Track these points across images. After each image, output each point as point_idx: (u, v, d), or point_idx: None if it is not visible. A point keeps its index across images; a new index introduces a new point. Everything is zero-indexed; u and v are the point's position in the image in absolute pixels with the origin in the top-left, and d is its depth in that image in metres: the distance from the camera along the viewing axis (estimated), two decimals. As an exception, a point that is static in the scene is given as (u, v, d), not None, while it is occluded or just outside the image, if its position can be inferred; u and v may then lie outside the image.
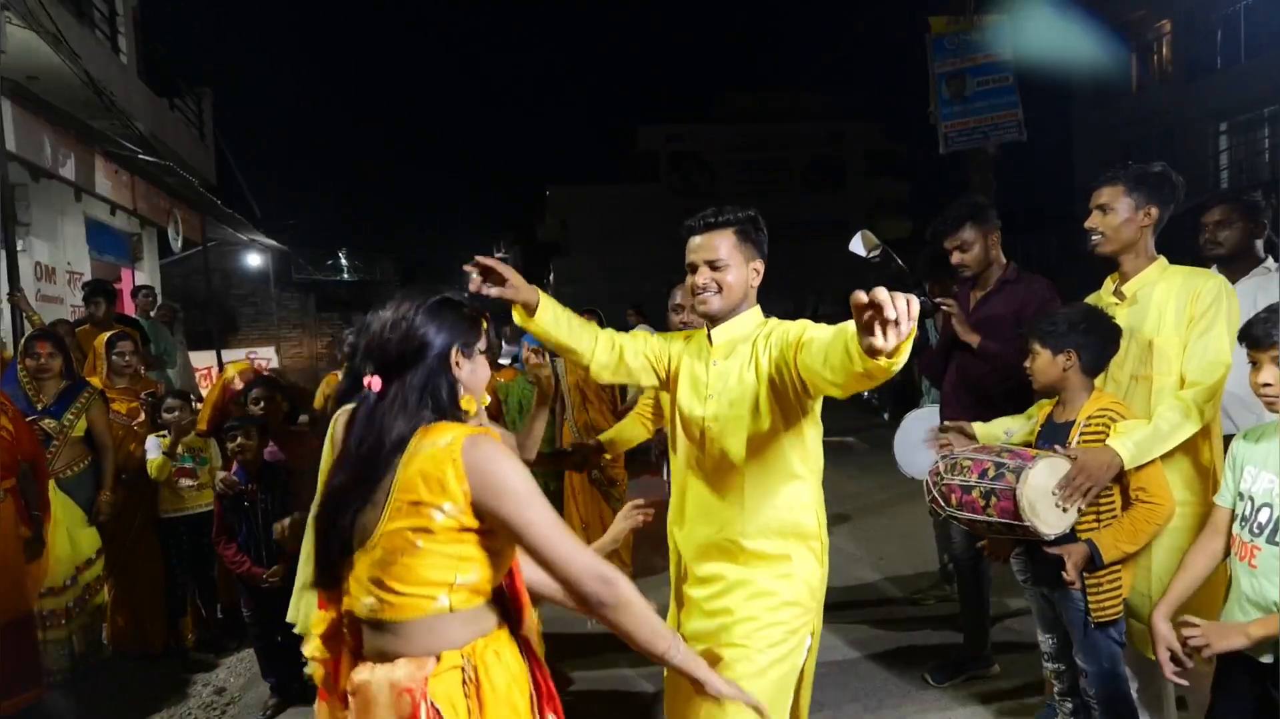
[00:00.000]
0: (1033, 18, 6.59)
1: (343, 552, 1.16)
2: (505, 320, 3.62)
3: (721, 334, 1.77)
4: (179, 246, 8.79)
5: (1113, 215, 2.09)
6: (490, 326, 1.32)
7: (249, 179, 11.75)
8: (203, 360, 8.90)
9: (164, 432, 3.34)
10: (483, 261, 1.67)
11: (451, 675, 1.13)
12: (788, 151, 23.58)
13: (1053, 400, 2.12)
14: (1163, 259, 2.13)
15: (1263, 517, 1.61)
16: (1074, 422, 2.00)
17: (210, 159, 10.13)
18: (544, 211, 25.55)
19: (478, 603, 1.17)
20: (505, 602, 1.23)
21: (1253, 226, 2.48)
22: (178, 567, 3.41)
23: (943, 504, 2.00)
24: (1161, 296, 2.05)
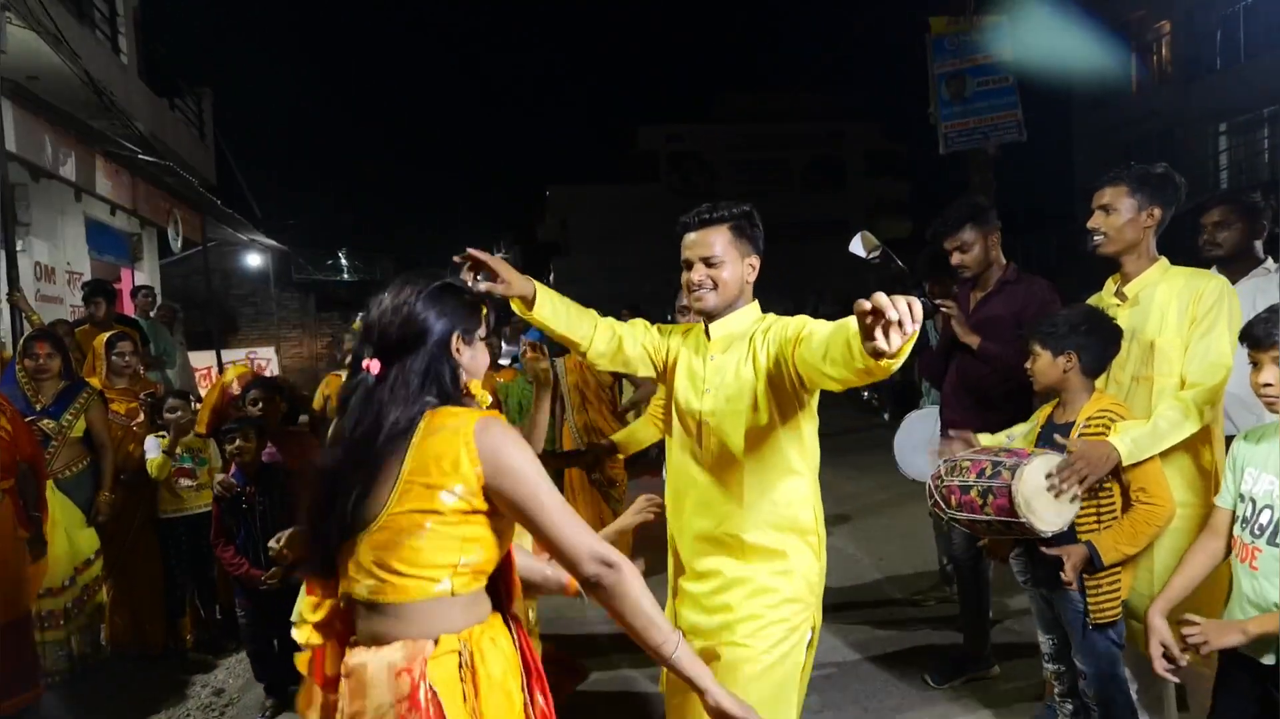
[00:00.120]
0: (1032, 18, 6.59)
1: (342, 535, 1.15)
2: (505, 321, 3.62)
3: (719, 329, 1.77)
4: (179, 247, 8.79)
5: (1115, 216, 2.09)
6: (490, 313, 1.31)
7: (249, 179, 11.77)
8: (202, 360, 8.90)
9: (162, 432, 3.34)
10: (472, 254, 1.65)
11: (449, 659, 1.13)
12: (788, 151, 23.59)
13: (1054, 402, 2.13)
14: (1164, 260, 2.12)
15: (1264, 518, 1.61)
16: (1074, 423, 2.00)
17: (210, 159, 10.13)
18: (544, 211, 25.56)
19: (476, 587, 1.18)
20: (498, 581, 1.24)
21: (1252, 227, 2.47)
22: (177, 567, 3.40)
23: (944, 507, 2.00)
24: (1163, 298, 2.05)
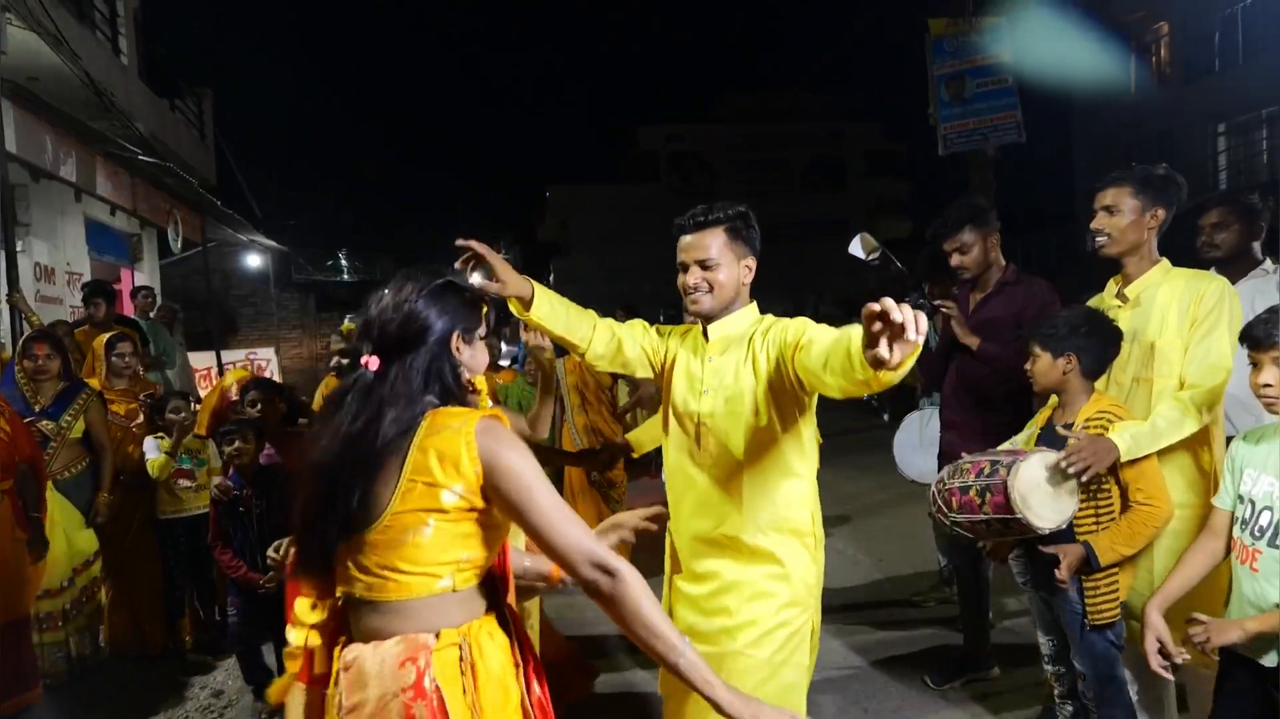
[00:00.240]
0: (1031, 20, 6.60)
1: (342, 534, 1.15)
2: (505, 321, 3.62)
3: (717, 330, 1.77)
4: (179, 247, 8.78)
5: (1119, 216, 2.08)
6: (490, 312, 1.31)
7: (249, 179, 11.75)
8: (202, 361, 8.89)
9: (161, 433, 3.34)
10: (469, 245, 1.62)
11: (450, 653, 1.14)
12: (788, 151, 23.60)
13: (1053, 403, 2.13)
14: (1165, 261, 2.12)
15: (1263, 520, 1.61)
16: (1073, 424, 2.00)
17: (210, 159, 10.13)
18: (544, 211, 25.56)
19: (475, 582, 1.19)
20: (493, 574, 1.24)
21: (1249, 229, 2.48)
22: (176, 568, 3.40)
23: (946, 511, 1.99)
24: (1164, 299, 2.05)
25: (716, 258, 1.71)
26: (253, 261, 12.58)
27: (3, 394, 2.89)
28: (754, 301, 1.81)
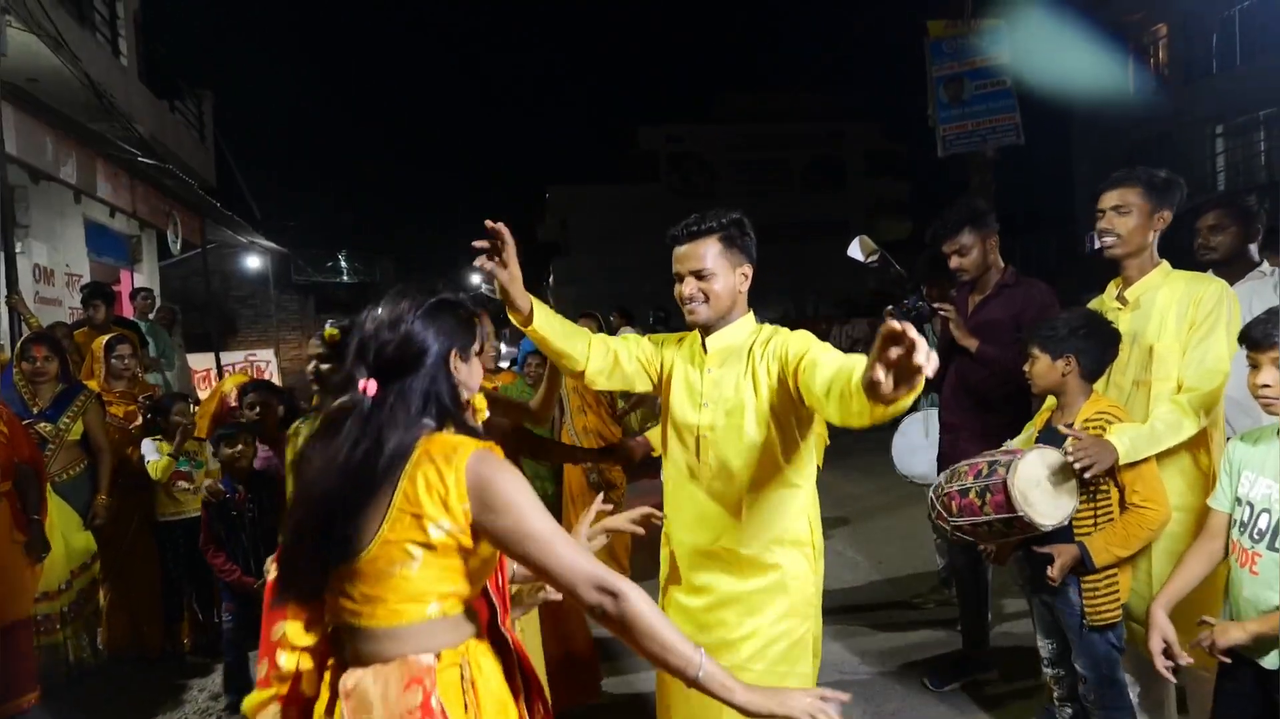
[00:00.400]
0: (1030, 22, 6.61)
1: (337, 560, 1.14)
2: (506, 323, 3.62)
3: (715, 342, 1.75)
4: (178, 249, 8.78)
5: (1129, 218, 2.07)
6: (487, 320, 1.30)
7: (249, 180, 11.74)
8: (201, 363, 8.89)
9: (159, 435, 3.34)
10: (494, 226, 1.58)
11: (452, 673, 1.14)
12: (788, 152, 23.62)
13: (1052, 405, 2.13)
14: (1166, 264, 2.12)
15: (1262, 522, 1.61)
16: (1072, 425, 2.00)
17: (210, 161, 10.13)
18: (544, 212, 25.57)
19: (462, 609, 1.18)
20: (489, 595, 1.23)
21: (1246, 231, 2.48)
22: (174, 570, 3.40)
23: (946, 516, 1.99)
24: (1164, 302, 2.05)
25: (712, 267, 1.69)
26: (252, 263, 12.57)
27: (1, 396, 2.89)
28: (751, 311, 1.80)
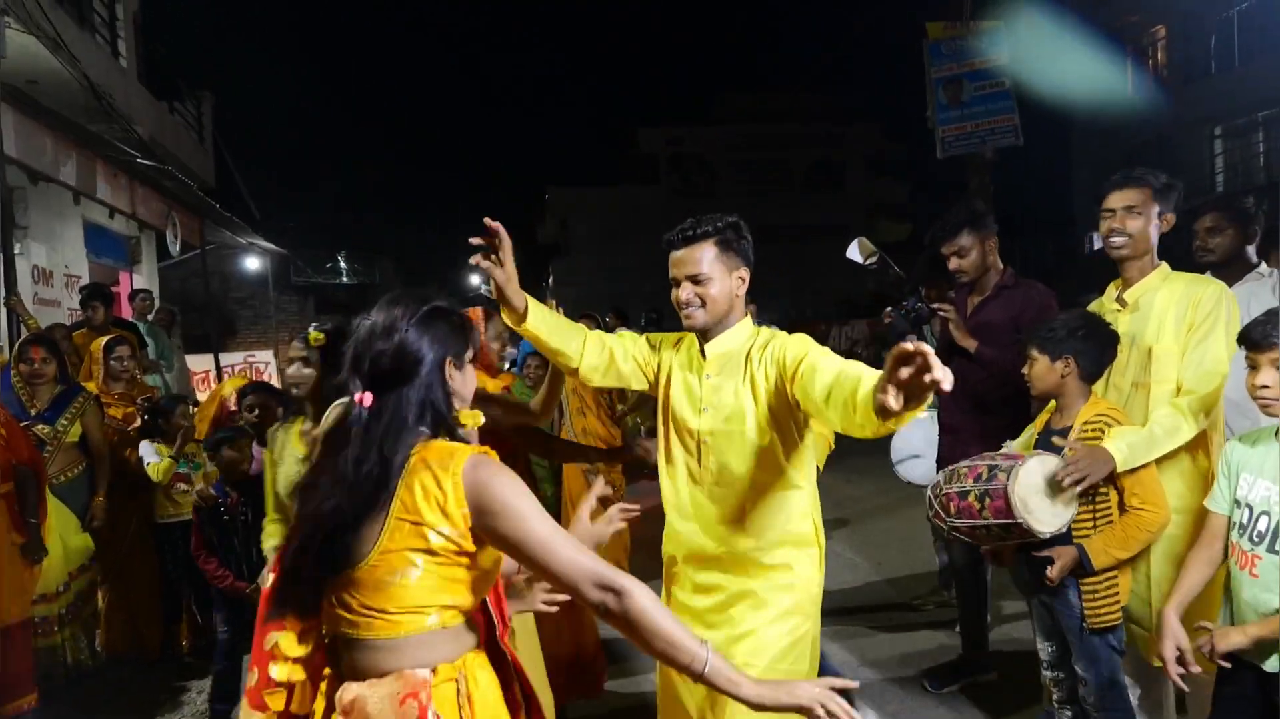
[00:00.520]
0: (1028, 24, 6.63)
1: (334, 571, 1.13)
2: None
3: (714, 348, 1.75)
4: (177, 250, 8.77)
5: (1140, 219, 2.07)
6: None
7: (248, 181, 11.73)
8: (200, 364, 8.88)
9: (157, 437, 3.33)
10: (492, 225, 1.60)
11: (448, 688, 1.13)
12: (788, 153, 23.63)
13: (1051, 407, 2.13)
14: (1165, 266, 2.12)
15: (1261, 524, 1.61)
16: (1070, 428, 2.00)
17: (210, 162, 10.14)
18: (544, 213, 25.57)
19: (462, 621, 1.17)
20: (487, 611, 1.22)
21: (1244, 232, 2.47)
22: (173, 572, 3.39)
23: (943, 516, 2.00)
24: (1162, 304, 2.05)
25: (708, 272, 1.68)
26: (251, 264, 12.57)
27: None
28: (749, 315, 1.79)
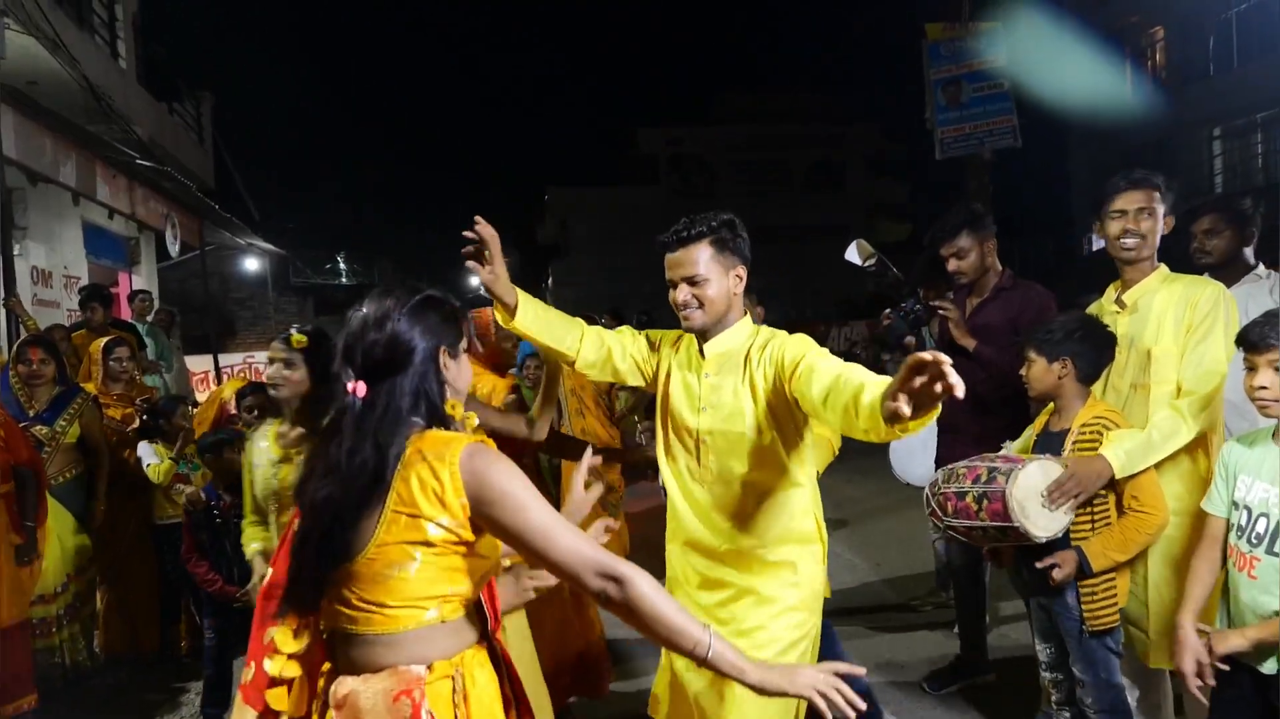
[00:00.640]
0: (1027, 25, 6.64)
1: (332, 566, 1.13)
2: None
3: (713, 348, 1.74)
4: (176, 251, 8.77)
5: (1152, 220, 2.07)
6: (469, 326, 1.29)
7: (248, 182, 11.73)
8: (199, 365, 8.88)
9: (156, 438, 3.33)
10: (477, 226, 1.61)
11: (443, 685, 1.13)
12: (788, 153, 23.62)
13: (1049, 408, 2.13)
14: (1164, 267, 2.12)
15: (1260, 526, 1.61)
16: (1069, 429, 2.00)
17: (209, 163, 10.14)
18: (543, 213, 25.57)
19: (462, 613, 1.17)
20: (480, 607, 1.22)
21: (1241, 234, 2.47)
22: (172, 573, 3.38)
23: (941, 515, 2.00)
24: (1161, 305, 2.05)
25: (704, 273, 1.67)
26: (251, 265, 12.58)
27: (-2, 399, 2.88)
28: (748, 314, 1.79)
